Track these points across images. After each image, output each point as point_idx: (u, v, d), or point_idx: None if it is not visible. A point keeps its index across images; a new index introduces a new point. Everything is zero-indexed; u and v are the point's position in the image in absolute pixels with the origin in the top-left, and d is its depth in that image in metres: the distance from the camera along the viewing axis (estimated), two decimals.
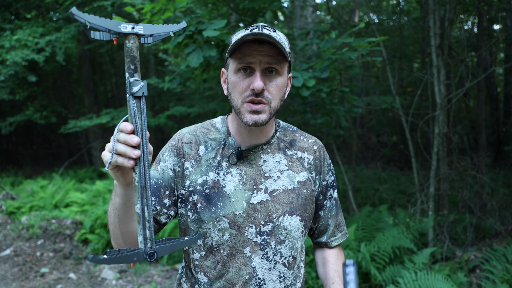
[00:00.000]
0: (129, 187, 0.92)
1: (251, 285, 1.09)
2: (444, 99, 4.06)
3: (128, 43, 0.77)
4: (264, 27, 1.04)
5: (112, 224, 1.05)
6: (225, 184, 1.10)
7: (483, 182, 4.48)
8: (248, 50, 1.02)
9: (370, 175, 8.07)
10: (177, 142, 1.15)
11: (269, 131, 1.16)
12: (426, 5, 4.77)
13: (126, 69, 0.78)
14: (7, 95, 8.50)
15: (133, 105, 0.78)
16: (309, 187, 1.16)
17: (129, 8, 3.11)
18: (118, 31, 0.76)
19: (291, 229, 1.11)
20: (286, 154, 1.16)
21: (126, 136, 0.79)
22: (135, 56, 0.78)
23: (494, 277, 3.09)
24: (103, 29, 0.76)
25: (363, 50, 3.08)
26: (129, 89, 0.77)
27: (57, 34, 7.69)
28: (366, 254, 3.42)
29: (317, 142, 1.22)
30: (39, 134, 15.74)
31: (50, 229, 5.19)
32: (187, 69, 3.70)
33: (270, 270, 1.10)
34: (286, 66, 1.08)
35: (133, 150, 0.78)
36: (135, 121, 0.78)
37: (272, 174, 1.13)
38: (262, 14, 3.99)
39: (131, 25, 0.77)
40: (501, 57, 10.51)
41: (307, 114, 4.82)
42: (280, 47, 1.00)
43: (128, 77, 0.78)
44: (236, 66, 1.05)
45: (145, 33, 0.79)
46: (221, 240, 1.09)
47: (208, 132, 1.17)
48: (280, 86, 1.07)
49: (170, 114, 7.76)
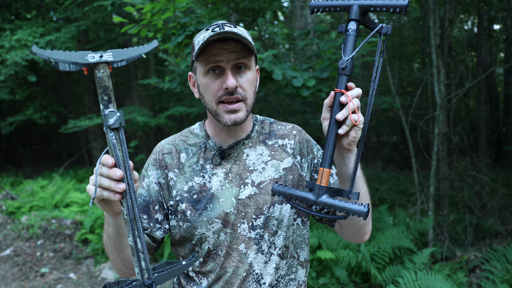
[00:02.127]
0: (119, 216, 0.92)
1: (249, 282, 1.08)
2: (444, 99, 4.06)
3: (98, 73, 0.75)
4: (225, 24, 1.03)
5: (110, 253, 1.06)
6: (212, 186, 1.10)
7: (483, 182, 4.48)
8: (213, 50, 1.02)
9: (370, 175, 8.06)
10: (158, 154, 1.15)
11: (248, 126, 1.16)
12: (426, 5, 4.77)
13: (99, 100, 0.76)
14: (7, 95, 8.50)
15: (111, 138, 0.77)
16: (295, 172, 1.14)
17: (129, 8, 3.11)
18: (85, 63, 0.74)
19: (282, 218, 1.10)
20: (267, 145, 1.16)
21: (108, 170, 0.78)
22: (107, 86, 0.76)
23: (494, 277, 3.09)
24: (68, 62, 0.74)
25: (363, 50, 3.08)
26: (105, 122, 0.75)
27: (57, 34, 7.68)
28: (366, 254, 3.42)
29: (295, 127, 1.22)
30: (39, 134, 15.73)
31: (50, 229, 5.19)
32: (187, 69, 3.70)
33: (266, 263, 1.09)
34: (253, 59, 1.09)
35: (117, 184, 0.78)
36: (116, 153, 0.77)
37: (256, 166, 1.12)
38: (262, 14, 3.99)
39: (99, 54, 0.75)
40: (501, 57, 10.50)
41: (307, 114, 4.82)
42: (246, 41, 1.00)
43: (103, 109, 0.76)
44: (204, 68, 1.05)
45: (115, 60, 0.77)
46: (218, 241, 1.08)
47: (187, 139, 1.17)
48: (251, 80, 1.07)
49: (170, 114, 7.75)
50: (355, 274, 3.54)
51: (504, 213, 4.43)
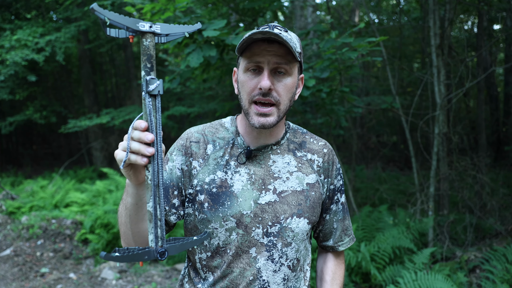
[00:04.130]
0: (141, 186, 0.92)
1: (255, 287, 1.08)
2: (444, 99, 4.06)
3: (145, 42, 0.78)
4: (276, 26, 1.03)
5: (123, 224, 1.04)
6: (233, 183, 1.09)
7: (483, 182, 4.48)
8: (257, 50, 1.01)
9: (370, 175, 8.07)
10: (185, 141, 1.14)
11: (279, 132, 1.14)
12: (426, 5, 4.77)
13: (142, 67, 0.78)
14: (7, 95, 8.50)
15: (148, 103, 0.78)
16: (317, 190, 1.14)
17: (129, 8, 3.11)
18: (136, 29, 0.77)
19: (298, 231, 1.09)
20: (295, 156, 1.15)
21: (140, 133, 0.79)
22: (151, 54, 0.78)
23: (494, 277, 3.09)
24: (121, 26, 0.76)
25: (363, 50, 3.08)
26: (145, 87, 0.77)
27: (57, 34, 7.68)
28: (366, 254, 3.42)
29: (327, 145, 1.20)
30: (39, 134, 15.73)
31: (50, 229, 5.19)
32: (187, 69, 3.70)
33: (275, 272, 1.09)
34: (296, 66, 1.07)
35: (147, 147, 0.78)
36: (150, 119, 0.78)
37: (281, 175, 1.11)
38: (262, 14, 3.99)
39: (149, 24, 0.78)
40: (501, 57, 10.51)
41: (307, 114, 4.82)
42: (289, 46, 0.99)
43: (145, 75, 0.77)
44: (245, 66, 1.05)
45: (161, 33, 0.79)
46: (228, 240, 1.08)
47: (217, 131, 1.16)
48: (289, 86, 1.05)
49: (170, 114, 7.76)
50: (355, 274, 3.54)
51: (504, 213, 4.43)
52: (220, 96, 7.41)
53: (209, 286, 1.11)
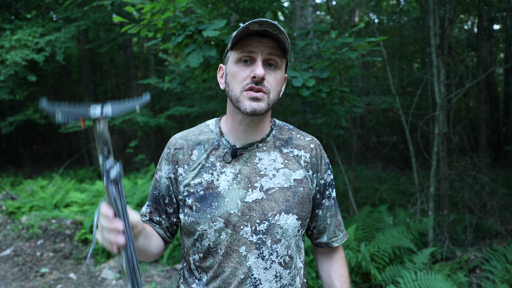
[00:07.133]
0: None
1: (247, 285, 1.08)
2: (444, 99, 4.06)
3: (99, 128, 0.78)
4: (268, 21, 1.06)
5: None
6: (219, 184, 1.10)
7: (483, 182, 4.48)
8: (250, 41, 1.04)
9: (370, 175, 8.06)
10: (170, 149, 1.17)
11: (265, 128, 1.15)
12: (426, 5, 4.77)
13: (99, 152, 0.78)
14: (7, 95, 8.50)
15: (112, 192, 0.78)
16: (306, 186, 1.14)
17: (129, 8, 3.11)
18: (88, 117, 0.78)
19: (287, 227, 1.09)
20: (282, 152, 1.15)
21: (109, 223, 0.80)
22: (107, 139, 0.79)
23: (494, 277, 3.08)
24: (74, 117, 0.77)
25: (363, 50, 3.08)
26: (106, 178, 0.77)
27: (57, 34, 7.68)
28: (366, 254, 3.42)
29: (314, 140, 1.20)
30: (39, 134, 15.73)
31: (50, 229, 5.19)
32: (187, 69, 3.70)
33: (266, 269, 1.09)
34: (284, 63, 1.10)
35: (118, 237, 0.80)
36: (117, 207, 0.79)
37: (267, 172, 1.11)
38: (262, 14, 3.99)
39: (99, 108, 0.78)
40: (501, 57, 10.51)
41: (307, 114, 4.82)
42: (283, 38, 1.02)
43: (104, 164, 0.78)
44: (237, 56, 1.05)
45: (113, 114, 0.81)
46: (218, 240, 1.08)
47: (201, 134, 1.17)
48: (278, 80, 1.08)
49: (170, 114, 7.76)
50: (355, 274, 3.54)
51: (504, 213, 4.43)
52: (220, 96, 7.41)
53: (203, 286, 1.12)
